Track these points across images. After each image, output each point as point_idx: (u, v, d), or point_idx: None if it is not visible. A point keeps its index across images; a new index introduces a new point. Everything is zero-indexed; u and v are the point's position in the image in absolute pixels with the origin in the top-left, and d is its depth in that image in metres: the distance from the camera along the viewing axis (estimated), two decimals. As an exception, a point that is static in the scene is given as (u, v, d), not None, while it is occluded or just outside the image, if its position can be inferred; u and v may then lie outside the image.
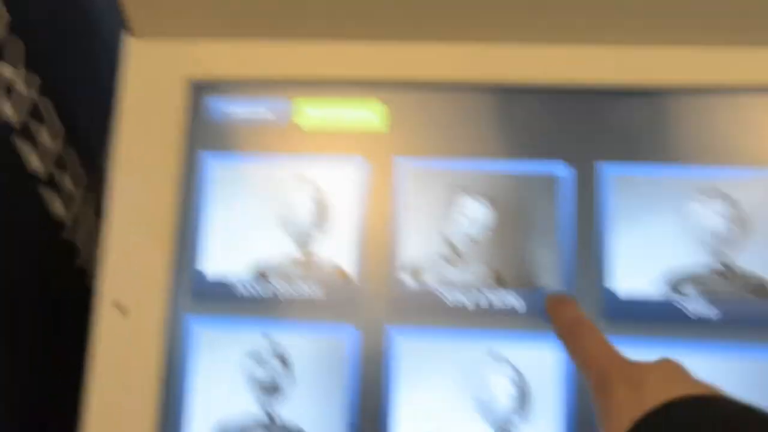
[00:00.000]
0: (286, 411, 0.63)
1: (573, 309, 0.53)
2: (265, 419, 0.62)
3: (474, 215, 0.64)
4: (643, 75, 0.64)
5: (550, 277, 0.61)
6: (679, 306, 0.60)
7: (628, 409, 0.42)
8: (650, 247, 0.61)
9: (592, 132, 0.64)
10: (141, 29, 0.68)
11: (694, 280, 0.61)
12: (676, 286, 0.61)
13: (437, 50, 0.66)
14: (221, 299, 0.64)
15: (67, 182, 0.76)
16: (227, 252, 0.65)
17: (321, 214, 0.65)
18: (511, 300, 0.62)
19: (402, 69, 0.67)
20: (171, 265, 0.65)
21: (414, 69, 0.66)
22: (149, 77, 0.68)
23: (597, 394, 0.45)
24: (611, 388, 0.44)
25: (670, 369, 0.45)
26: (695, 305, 0.61)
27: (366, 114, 0.66)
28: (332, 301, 0.63)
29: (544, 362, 0.60)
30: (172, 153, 0.67)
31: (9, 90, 0.67)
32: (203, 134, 0.67)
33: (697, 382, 0.43)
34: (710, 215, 0.61)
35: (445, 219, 0.64)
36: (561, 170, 0.63)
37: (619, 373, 0.45)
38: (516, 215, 0.63)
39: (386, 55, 0.67)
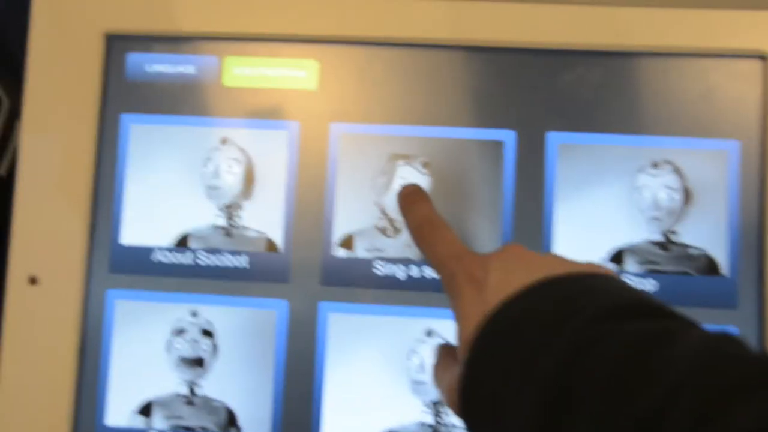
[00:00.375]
0: (210, 384, 0.60)
1: (425, 206, 0.49)
2: (188, 393, 0.60)
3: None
4: (597, 36, 0.60)
5: (489, 248, 0.59)
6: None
7: (474, 311, 0.40)
8: (594, 218, 0.59)
9: (541, 97, 0.60)
10: (51, -22, 0.62)
11: (635, 251, 0.59)
12: (616, 257, 0.59)
13: (378, 6, 0.62)
14: (141, 271, 0.61)
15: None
16: (148, 221, 0.61)
17: (248, 180, 0.61)
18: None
19: (337, 27, 0.62)
20: (87, 235, 0.61)
21: (351, 27, 0.62)
22: (62, 30, 0.63)
23: (449, 298, 0.43)
24: (458, 290, 0.42)
25: (510, 257, 0.42)
26: (633, 277, 0.59)
27: (299, 74, 0.62)
28: (259, 272, 0.60)
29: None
30: (88, 114, 0.62)
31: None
32: (122, 93, 0.63)
33: (539, 264, 0.41)
34: (656, 186, 0.59)
35: (381, 187, 0.61)
36: (506, 137, 0.60)
37: (464, 273, 0.42)
38: (456, 184, 0.60)
39: (322, 11, 0.62)
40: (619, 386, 0.32)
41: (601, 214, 0.59)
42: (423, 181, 0.60)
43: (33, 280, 0.60)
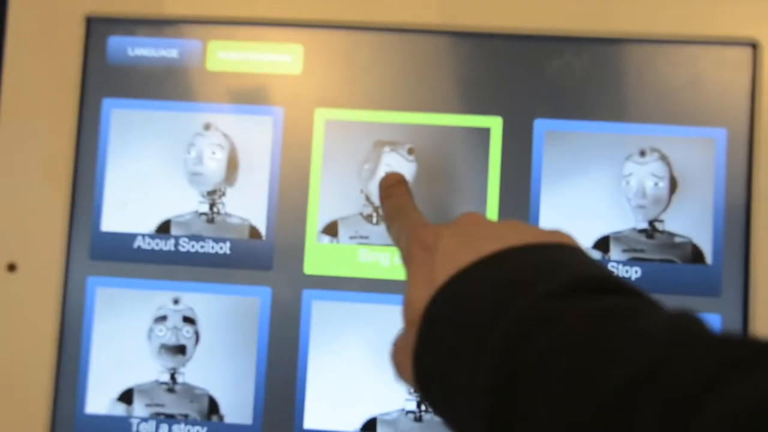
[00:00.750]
0: (192, 372, 0.59)
1: (403, 198, 0.49)
2: (169, 381, 0.59)
3: (397, 170, 0.60)
4: (585, 23, 0.59)
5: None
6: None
7: (422, 273, 0.39)
8: (580, 205, 0.59)
9: (528, 84, 0.59)
10: (31, -42, 0.61)
11: (620, 239, 0.58)
12: (601, 244, 0.58)
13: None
14: (122, 258, 0.60)
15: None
16: (129, 207, 0.61)
17: (232, 166, 0.61)
18: (432, 261, 0.58)
19: (322, 11, 0.61)
20: (68, 221, 0.60)
21: (336, 11, 0.61)
22: (41, 12, 0.62)
23: (404, 268, 0.42)
24: (411, 256, 0.41)
25: (465, 225, 0.41)
26: (618, 265, 0.58)
27: (284, 59, 0.61)
28: (242, 259, 0.60)
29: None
30: (69, 98, 0.61)
31: None
32: (103, 78, 0.62)
33: (496, 232, 0.39)
34: (643, 174, 0.58)
35: (366, 174, 0.60)
36: (493, 124, 0.60)
37: (417, 239, 0.41)
38: (442, 171, 0.60)
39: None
40: (577, 369, 0.30)
41: (587, 202, 0.59)
42: (409, 167, 0.60)
43: (11, 267, 0.59)
